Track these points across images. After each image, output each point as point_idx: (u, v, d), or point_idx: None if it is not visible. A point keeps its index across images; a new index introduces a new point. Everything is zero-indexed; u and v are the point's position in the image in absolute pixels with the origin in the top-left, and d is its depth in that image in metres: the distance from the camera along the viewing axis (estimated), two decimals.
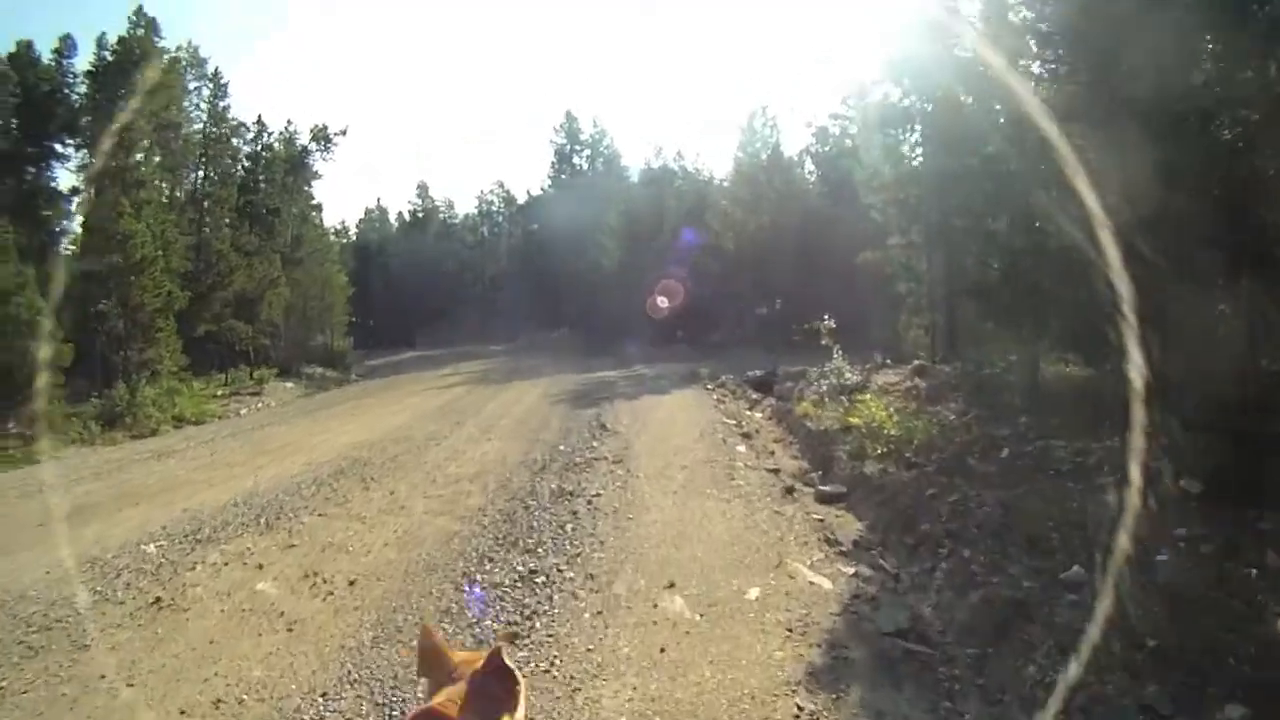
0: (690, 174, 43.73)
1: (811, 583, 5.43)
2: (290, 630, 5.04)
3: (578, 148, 49.87)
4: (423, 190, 63.86)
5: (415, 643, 1.78)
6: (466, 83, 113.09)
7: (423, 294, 55.63)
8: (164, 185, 27.45)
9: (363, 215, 65.45)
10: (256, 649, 4.79)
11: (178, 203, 27.79)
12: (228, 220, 29.97)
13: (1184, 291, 5.78)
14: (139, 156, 24.09)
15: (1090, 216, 5.69)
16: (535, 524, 7.19)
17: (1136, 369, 5.03)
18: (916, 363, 15.39)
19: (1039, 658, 4.05)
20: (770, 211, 33.18)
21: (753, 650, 4.43)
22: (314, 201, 37.48)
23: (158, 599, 5.70)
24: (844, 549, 6.19)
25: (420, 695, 1.78)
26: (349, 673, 4.39)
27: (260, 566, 6.33)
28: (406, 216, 63.86)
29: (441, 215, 64.15)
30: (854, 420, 9.75)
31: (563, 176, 49.56)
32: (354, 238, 62.05)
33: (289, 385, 27.10)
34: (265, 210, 31.75)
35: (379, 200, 75.32)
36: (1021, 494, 6.16)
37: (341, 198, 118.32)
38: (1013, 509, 5.88)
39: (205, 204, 28.62)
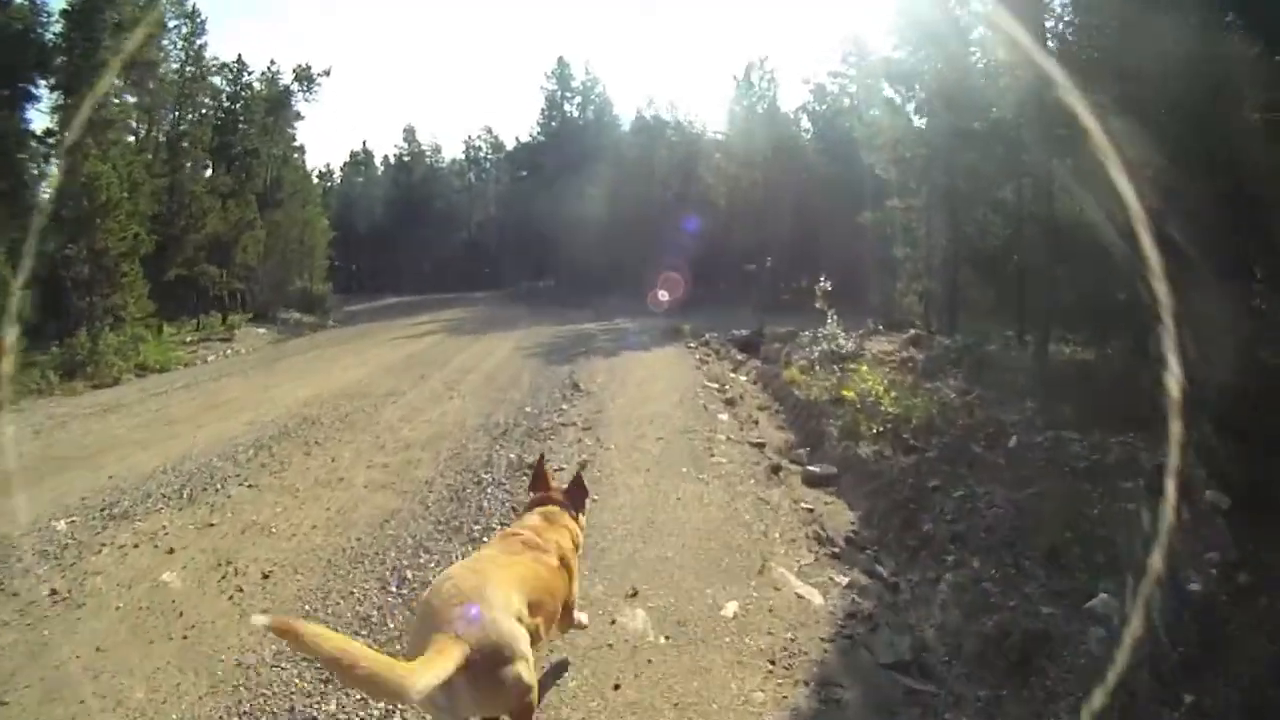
0: (683, 126, 42.61)
1: (799, 595, 4.70)
2: (185, 638, 4.30)
3: (569, 95, 48.63)
4: (409, 134, 62.07)
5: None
6: (457, 25, 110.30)
7: (407, 239, 54.45)
8: (140, 126, 26.29)
9: (348, 159, 63.86)
10: (145, 661, 4.06)
11: (153, 143, 26.60)
12: (206, 162, 28.71)
13: (1214, 277, 5.10)
14: (113, 97, 23.06)
15: (1113, 192, 5.09)
16: (486, 504, 6.44)
17: (1161, 362, 4.41)
18: (912, 332, 14.79)
19: (1063, 712, 3.39)
20: (764, 168, 32.32)
21: (727, 689, 3.70)
22: (295, 143, 36.25)
23: (54, 591, 4.96)
24: (836, 549, 5.47)
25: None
26: (240, 702, 3.67)
27: (170, 551, 5.56)
28: (392, 160, 62.24)
29: (428, 160, 62.41)
30: (847, 393, 9.06)
31: (553, 124, 48.45)
32: (338, 181, 60.92)
33: (261, 331, 26.23)
34: (244, 151, 30.53)
35: (365, 144, 73.34)
36: (1035, 494, 5.48)
37: (327, 141, 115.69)
38: (1027, 512, 5.20)
39: (184, 144, 27.32)
